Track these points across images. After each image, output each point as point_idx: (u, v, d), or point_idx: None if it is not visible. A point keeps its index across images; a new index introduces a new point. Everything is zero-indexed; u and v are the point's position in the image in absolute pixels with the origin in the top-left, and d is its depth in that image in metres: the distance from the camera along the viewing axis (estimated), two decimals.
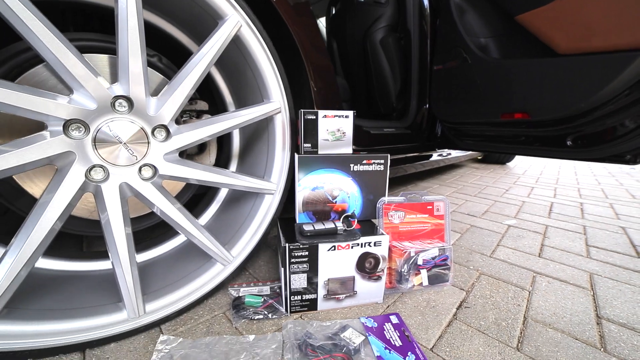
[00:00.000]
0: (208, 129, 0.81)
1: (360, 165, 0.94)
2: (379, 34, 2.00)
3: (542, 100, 1.20)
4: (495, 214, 1.81)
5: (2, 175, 0.56)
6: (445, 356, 0.73)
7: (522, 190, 2.46)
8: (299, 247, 0.80)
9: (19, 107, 0.56)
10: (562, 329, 0.83)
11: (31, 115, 0.58)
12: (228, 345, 0.72)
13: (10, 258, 0.58)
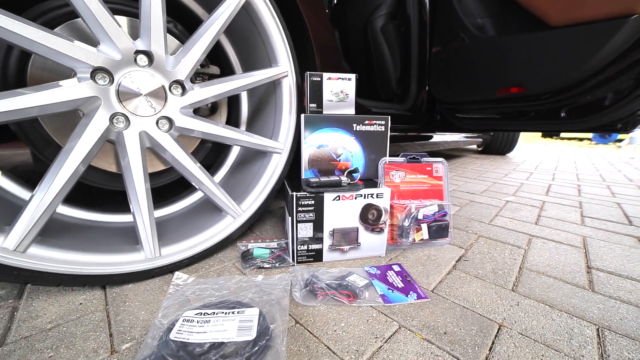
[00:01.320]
0: (220, 87, 0.86)
1: (363, 125, 0.99)
2: (380, 21, 2.06)
3: (536, 73, 1.25)
4: (494, 192, 1.86)
5: (42, 111, 0.62)
6: (445, 295, 0.78)
7: (521, 175, 2.51)
8: (305, 196, 0.85)
9: (56, 50, 0.62)
10: (554, 276, 0.88)
11: (65, 60, 0.64)
12: (238, 283, 0.77)
13: (42, 192, 0.63)
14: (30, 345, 0.59)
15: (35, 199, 0.62)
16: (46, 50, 0.61)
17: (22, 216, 0.61)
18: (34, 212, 0.62)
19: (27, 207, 0.61)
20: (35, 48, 0.60)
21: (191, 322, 0.58)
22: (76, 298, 0.73)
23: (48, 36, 0.60)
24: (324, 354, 0.58)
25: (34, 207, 0.62)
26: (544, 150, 5.29)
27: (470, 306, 0.74)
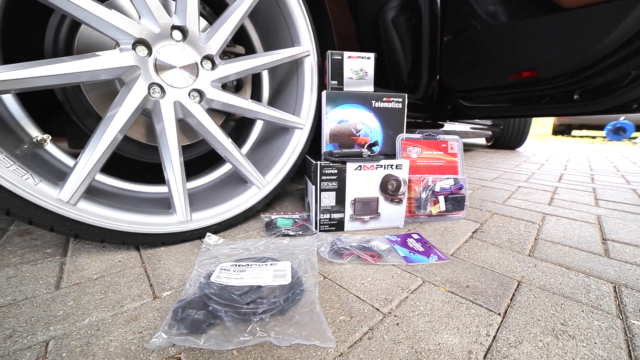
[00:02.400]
0: (247, 63, 0.91)
1: (381, 102, 1.03)
2: (391, 13, 2.10)
3: (549, 56, 1.28)
4: (506, 179, 1.87)
5: (91, 77, 0.67)
6: (464, 258, 0.81)
7: (532, 166, 2.52)
8: (328, 165, 0.89)
9: (106, 21, 0.67)
10: (569, 245, 0.90)
11: (111, 31, 0.69)
12: (266, 245, 0.81)
13: (90, 150, 0.68)
14: (82, 290, 0.63)
15: (84, 157, 0.67)
16: (97, 21, 0.66)
17: (72, 173, 0.66)
18: (82, 170, 0.66)
19: (76, 165, 0.66)
20: (88, 18, 0.65)
21: (228, 270, 0.63)
22: (114, 257, 0.77)
23: (100, 8, 0.66)
24: (354, 301, 0.61)
25: (82, 165, 0.67)
26: (555, 146, 5.25)
27: (489, 267, 0.77)
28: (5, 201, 0.59)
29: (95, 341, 0.49)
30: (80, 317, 0.55)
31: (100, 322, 0.54)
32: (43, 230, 0.94)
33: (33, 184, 0.61)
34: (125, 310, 0.57)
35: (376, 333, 0.53)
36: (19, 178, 0.60)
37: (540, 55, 1.29)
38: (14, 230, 0.95)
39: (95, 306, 0.58)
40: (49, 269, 0.71)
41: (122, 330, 0.52)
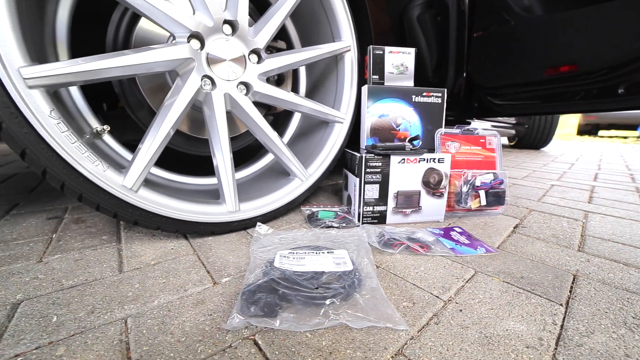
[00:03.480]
0: (291, 57, 0.92)
1: (421, 97, 1.03)
2: (416, 11, 2.10)
3: (591, 49, 1.25)
4: (536, 178, 1.84)
5: (149, 68, 0.69)
6: (512, 251, 0.80)
7: (562, 165, 2.46)
8: (373, 157, 0.90)
9: (166, 14, 0.69)
10: (622, 242, 0.88)
11: (170, 24, 0.71)
12: (315, 235, 0.82)
13: (150, 139, 0.70)
14: (144, 274, 0.65)
15: (145, 145, 0.69)
16: (158, 14, 0.69)
17: (135, 160, 0.68)
18: (144, 157, 0.69)
19: (138, 153, 0.69)
20: (150, 11, 0.68)
21: (287, 257, 0.64)
22: (166, 245, 0.80)
23: (162, 1, 0.68)
24: (412, 288, 0.62)
25: (144, 152, 0.69)
26: (582, 146, 5.06)
27: (538, 260, 0.76)
28: (80, 186, 0.62)
29: (170, 321, 0.51)
30: (149, 298, 0.57)
31: (169, 304, 0.56)
32: (95, 219, 0.98)
33: (102, 171, 0.64)
34: (190, 294, 0.59)
35: (442, 318, 0.53)
36: (91, 164, 0.62)
37: (581, 49, 1.26)
38: (69, 218, 0.98)
39: (161, 289, 0.60)
40: (109, 254, 0.74)
41: (192, 312, 0.53)
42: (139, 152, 0.69)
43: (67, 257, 0.73)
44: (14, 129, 0.56)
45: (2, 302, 0.56)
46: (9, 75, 0.54)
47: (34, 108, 0.56)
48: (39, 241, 0.82)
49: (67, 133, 0.60)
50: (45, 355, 0.44)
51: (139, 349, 0.45)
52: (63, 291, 0.59)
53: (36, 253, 0.75)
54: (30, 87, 0.56)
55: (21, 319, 0.51)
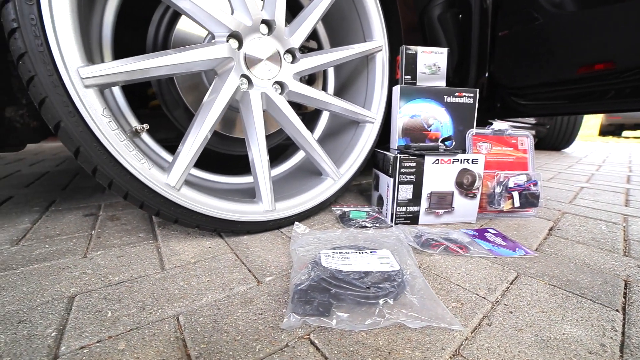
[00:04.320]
0: (325, 57, 0.92)
1: (453, 97, 1.02)
2: (437, 10, 2.08)
3: (631, 45, 1.20)
4: (563, 180, 1.80)
5: (189, 68, 0.70)
6: (552, 254, 0.78)
7: (588, 167, 2.39)
8: (408, 158, 0.89)
9: (209, 14, 0.70)
10: None
11: (210, 23, 0.72)
12: (352, 234, 0.81)
13: (192, 137, 0.71)
14: (186, 272, 0.66)
15: (187, 144, 0.70)
16: (201, 13, 0.69)
17: (178, 159, 0.69)
18: (186, 155, 0.70)
19: (181, 151, 0.70)
20: (192, 11, 0.68)
21: (332, 257, 0.63)
22: (203, 243, 0.80)
23: (205, 1, 0.69)
24: (457, 289, 0.61)
25: (186, 151, 0.70)
26: (607, 147, 4.85)
27: (583, 263, 0.74)
28: (127, 184, 0.63)
29: (222, 319, 0.51)
30: (196, 296, 0.58)
31: (217, 302, 0.56)
32: (129, 217, 0.99)
33: (148, 169, 0.65)
34: (236, 293, 0.59)
35: (493, 320, 0.52)
36: (138, 162, 0.63)
37: (618, 45, 1.23)
38: (104, 215, 1.00)
39: (206, 288, 0.61)
40: (148, 252, 0.75)
41: (243, 311, 0.54)
42: (181, 151, 0.70)
43: (109, 253, 0.74)
44: (71, 127, 0.57)
45: (59, 295, 0.57)
46: (70, 75, 0.55)
47: (89, 107, 0.57)
48: (81, 237, 0.83)
49: (117, 131, 0.61)
50: (108, 349, 0.44)
51: (197, 347, 0.45)
52: (111, 287, 0.60)
53: (80, 249, 0.76)
54: (87, 87, 0.57)
55: (79, 313, 0.52)
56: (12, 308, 0.54)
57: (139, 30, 0.87)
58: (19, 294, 0.58)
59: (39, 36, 0.53)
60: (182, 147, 0.70)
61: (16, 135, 0.73)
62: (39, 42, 0.53)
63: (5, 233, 0.86)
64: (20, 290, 0.59)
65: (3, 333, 0.47)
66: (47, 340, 0.46)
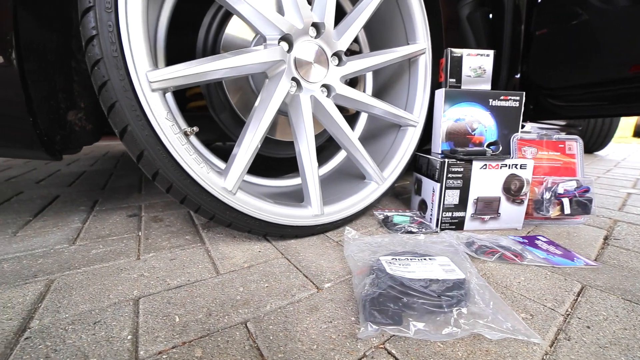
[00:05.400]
0: (372, 59, 0.91)
1: (498, 100, 1.00)
2: (466, 9, 2.04)
3: None
4: (605, 185, 1.74)
5: (243, 71, 0.70)
6: (615, 265, 0.75)
7: (630, 171, 2.30)
8: (455, 163, 0.87)
9: (262, 15, 0.69)
10: None
11: (263, 25, 0.71)
12: (403, 240, 0.80)
13: (248, 140, 0.71)
14: (243, 277, 0.66)
15: (242, 147, 0.70)
16: (255, 15, 0.69)
17: (234, 162, 0.69)
18: (242, 159, 0.70)
19: (236, 155, 0.70)
20: (247, 13, 0.68)
21: (393, 264, 0.62)
22: (252, 247, 0.80)
23: (261, 3, 0.69)
24: (522, 299, 0.59)
25: (242, 154, 0.70)
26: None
27: None
28: (187, 188, 0.63)
29: (292, 327, 0.51)
30: (259, 302, 0.57)
31: (282, 310, 0.55)
32: (171, 218, 1.00)
33: (206, 173, 0.65)
34: (299, 300, 0.58)
35: (571, 334, 0.50)
36: (197, 166, 0.64)
37: None
38: (147, 216, 1.02)
39: (267, 294, 0.60)
40: (199, 255, 0.75)
41: (311, 318, 0.53)
42: (237, 154, 0.70)
43: (162, 255, 0.75)
44: (137, 131, 0.57)
45: (124, 297, 0.58)
46: (139, 79, 0.56)
47: (155, 111, 0.58)
48: (130, 238, 0.85)
49: (179, 135, 0.61)
50: (185, 356, 0.44)
51: (274, 356, 0.45)
52: (172, 290, 0.61)
53: (132, 250, 0.77)
54: (153, 90, 0.58)
55: (147, 316, 0.53)
56: (85, 308, 0.55)
57: (190, 34, 0.88)
58: (88, 293, 0.59)
59: (114, 42, 0.53)
60: (237, 150, 0.70)
61: (76, 138, 0.75)
62: (114, 48, 0.54)
63: (61, 232, 0.88)
64: (88, 290, 0.60)
65: (84, 333, 0.48)
66: (125, 344, 0.46)
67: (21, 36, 0.56)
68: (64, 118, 0.70)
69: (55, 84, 0.67)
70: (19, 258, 0.73)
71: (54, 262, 0.71)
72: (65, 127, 0.72)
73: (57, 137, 0.70)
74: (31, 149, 0.65)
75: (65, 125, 0.70)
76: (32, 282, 0.63)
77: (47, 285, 0.62)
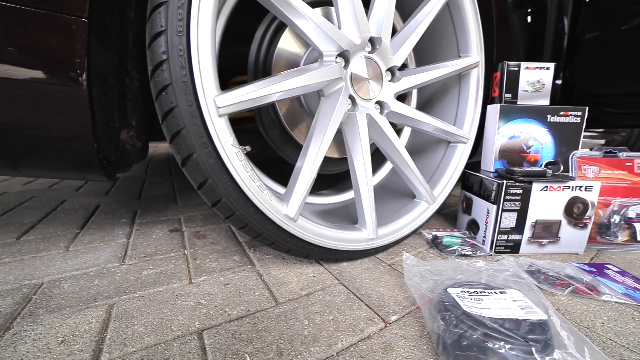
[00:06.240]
0: (427, 74, 0.88)
1: (557, 116, 0.94)
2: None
3: None
4: None
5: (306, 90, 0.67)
6: None
7: None
8: (514, 185, 0.83)
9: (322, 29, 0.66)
10: None
11: (321, 40, 0.68)
12: (462, 267, 0.76)
13: (310, 161, 0.68)
14: (304, 308, 0.63)
15: (303, 172, 0.67)
16: (316, 32, 0.66)
17: (295, 188, 0.66)
18: (303, 184, 0.67)
19: (297, 180, 0.67)
20: (307, 28, 0.65)
21: (464, 297, 0.59)
22: (305, 271, 0.77)
23: (322, 19, 0.66)
24: (613, 346, 0.54)
25: (303, 179, 0.67)
26: None
27: None
28: (249, 216, 0.61)
29: None
30: (329, 339, 0.54)
31: (356, 348, 0.53)
32: (213, 234, 0.99)
33: (269, 200, 0.63)
34: (369, 336, 0.55)
35: None
36: (261, 193, 0.61)
37: None
38: (188, 232, 1.01)
39: (335, 328, 0.57)
40: (252, 279, 0.73)
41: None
42: (297, 179, 0.67)
43: (214, 280, 0.73)
44: (202, 159, 0.55)
45: (187, 329, 0.56)
46: (207, 104, 0.53)
47: (222, 137, 0.56)
48: (177, 258, 0.83)
49: (244, 162, 0.59)
50: None
51: None
52: (234, 322, 0.58)
53: (183, 272, 0.76)
54: (220, 116, 0.55)
55: (216, 355, 0.50)
56: (150, 341, 0.53)
57: (241, 47, 0.85)
58: (149, 323, 0.57)
59: (184, 67, 0.51)
60: (298, 174, 0.67)
61: (127, 157, 0.73)
62: (184, 73, 0.51)
63: (109, 248, 0.88)
64: (148, 319, 0.58)
65: None
66: None
67: (92, 62, 0.54)
68: (118, 138, 0.68)
69: (113, 105, 0.66)
70: (76, 278, 0.72)
71: (109, 284, 0.70)
72: (118, 147, 0.70)
73: (112, 157, 0.68)
74: (92, 173, 0.64)
75: (119, 145, 0.69)
76: (92, 306, 0.62)
77: (108, 312, 0.61)
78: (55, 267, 0.77)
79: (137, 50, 0.74)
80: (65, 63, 0.52)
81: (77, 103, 0.53)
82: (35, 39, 0.50)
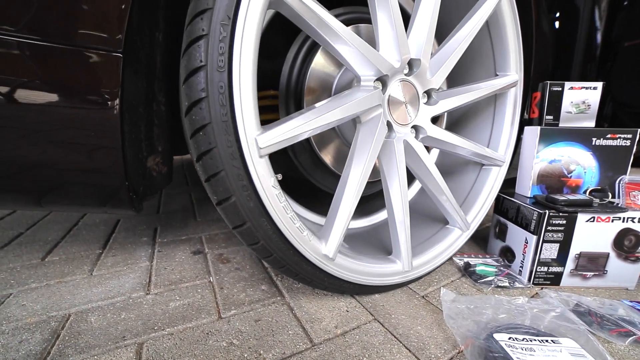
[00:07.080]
0: (465, 97, 0.83)
1: (604, 139, 0.89)
2: None
3: None
4: None
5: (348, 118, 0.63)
6: None
7: None
8: (557, 215, 0.78)
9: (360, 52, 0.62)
10: None
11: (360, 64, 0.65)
12: (498, 302, 0.72)
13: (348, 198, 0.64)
14: (342, 351, 0.60)
15: (342, 208, 0.64)
16: (356, 57, 0.62)
17: (334, 226, 0.63)
18: (340, 221, 0.63)
19: (336, 217, 0.63)
20: (344, 50, 0.61)
21: (515, 348, 0.55)
22: (337, 305, 0.74)
23: (361, 41, 0.62)
24: None
25: (342, 216, 0.63)
26: None
27: None
28: (289, 258, 0.58)
29: None
30: None
31: None
32: (237, 257, 0.96)
33: (308, 240, 0.59)
34: None
35: None
36: (300, 234, 0.58)
37: None
38: (211, 254, 0.98)
39: None
40: (284, 315, 0.70)
41: None
42: (336, 217, 0.63)
43: (244, 315, 0.70)
44: (242, 202, 0.52)
45: None
46: (248, 145, 0.50)
47: (263, 180, 0.52)
48: (204, 287, 0.80)
49: (285, 204, 0.56)
50: None
51: None
52: None
53: (211, 304, 0.73)
54: (261, 157, 0.52)
55: None
56: None
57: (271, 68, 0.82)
58: None
59: (224, 105, 0.48)
60: (336, 211, 0.64)
61: (153, 184, 0.70)
62: (224, 112, 0.48)
63: (133, 273, 0.86)
64: None
65: None
66: None
67: (124, 94, 0.51)
68: (145, 166, 0.66)
69: (141, 134, 0.63)
70: (102, 310, 0.70)
71: (137, 318, 0.67)
72: (145, 176, 0.67)
73: (140, 188, 0.66)
74: (119, 208, 0.61)
75: (146, 173, 0.66)
76: (122, 346, 0.60)
77: (138, 352, 0.58)
78: (81, 296, 0.75)
79: (164, 71, 0.71)
80: (99, 101, 0.49)
81: (109, 138, 0.50)
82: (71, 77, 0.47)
